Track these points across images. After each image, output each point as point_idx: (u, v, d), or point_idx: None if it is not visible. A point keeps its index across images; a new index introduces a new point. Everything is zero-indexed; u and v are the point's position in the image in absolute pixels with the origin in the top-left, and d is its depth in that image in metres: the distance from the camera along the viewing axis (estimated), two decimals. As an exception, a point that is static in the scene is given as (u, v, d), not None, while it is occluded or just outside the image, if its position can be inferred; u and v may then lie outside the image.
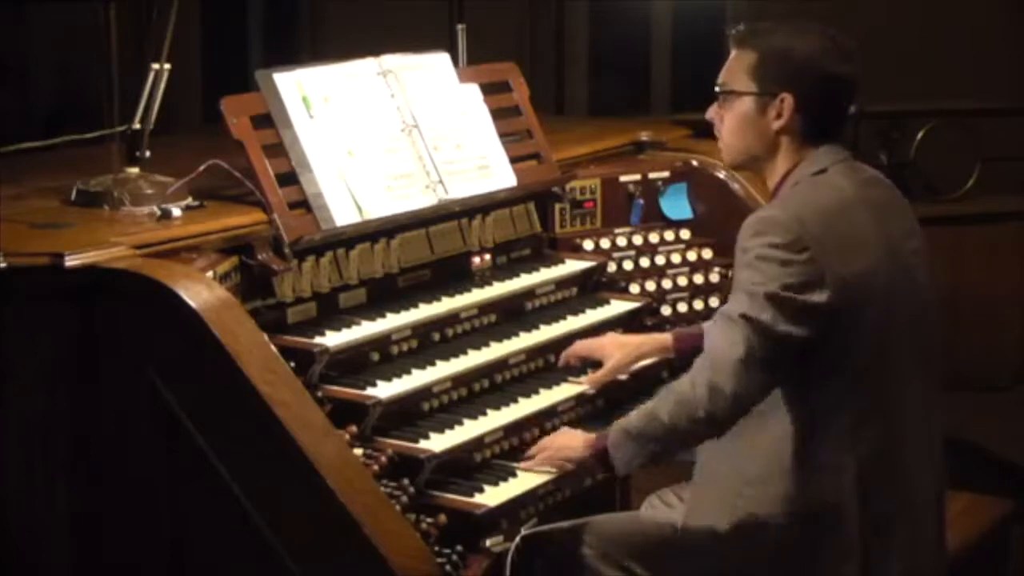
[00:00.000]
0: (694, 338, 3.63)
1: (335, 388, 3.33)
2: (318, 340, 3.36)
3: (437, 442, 3.30)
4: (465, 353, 3.61)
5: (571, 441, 3.39)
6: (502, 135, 4.03)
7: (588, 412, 3.77)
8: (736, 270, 3.14)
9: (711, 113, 3.34)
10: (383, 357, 3.50)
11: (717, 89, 3.30)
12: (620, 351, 3.74)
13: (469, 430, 3.40)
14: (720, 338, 3.09)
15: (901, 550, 3.16)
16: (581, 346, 3.79)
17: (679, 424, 3.11)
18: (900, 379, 3.16)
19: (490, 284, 3.89)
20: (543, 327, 3.85)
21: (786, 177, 3.24)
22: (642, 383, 3.81)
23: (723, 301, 3.74)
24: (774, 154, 3.25)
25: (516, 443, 3.51)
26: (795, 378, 3.12)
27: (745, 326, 3.04)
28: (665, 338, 3.78)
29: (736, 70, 3.26)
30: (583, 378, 3.75)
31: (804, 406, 3.13)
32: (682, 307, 4.33)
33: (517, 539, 3.35)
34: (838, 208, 3.14)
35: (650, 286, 4.31)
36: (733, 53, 3.29)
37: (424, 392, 3.45)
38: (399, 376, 3.42)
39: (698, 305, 4.33)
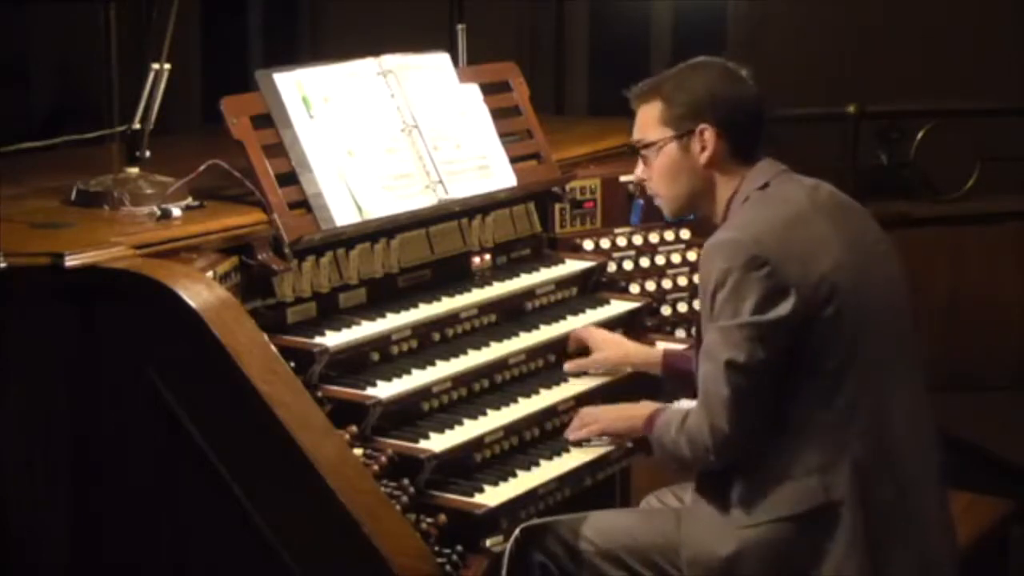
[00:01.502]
0: (681, 360, 3.75)
1: (335, 388, 3.33)
2: (318, 340, 3.36)
3: (437, 442, 3.30)
4: (465, 353, 3.61)
5: (630, 411, 3.50)
6: (502, 135, 4.03)
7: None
8: (700, 294, 3.23)
9: (637, 175, 3.43)
10: (383, 357, 3.50)
11: (636, 149, 3.38)
12: (612, 349, 3.82)
13: (469, 430, 3.40)
14: (707, 379, 3.17)
15: (910, 541, 3.17)
16: (583, 332, 3.85)
17: (696, 457, 3.20)
18: (883, 372, 3.18)
19: (490, 284, 3.89)
20: (543, 327, 3.85)
21: (731, 201, 3.29)
22: (641, 385, 3.81)
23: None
24: (712, 187, 3.32)
25: (516, 443, 3.51)
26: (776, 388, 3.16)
27: (725, 366, 3.11)
28: (656, 354, 3.84)
29: (647, 123, 3.36)
30: (567, 364, 3.79)
31: (787, 413, 3.14)
32: (682, 307, 4.33)
33: (516, 531, 3.37)
34: (792, 216, 3.20)
35: (650, 286, 4.31)
36: (639, 110, 3.39)
37: (424, 392, 3.45)
38: (399, 376, 3.42)
39: (698, 305, 4.32)
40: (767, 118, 3.35)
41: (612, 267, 4.29)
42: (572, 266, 4.13)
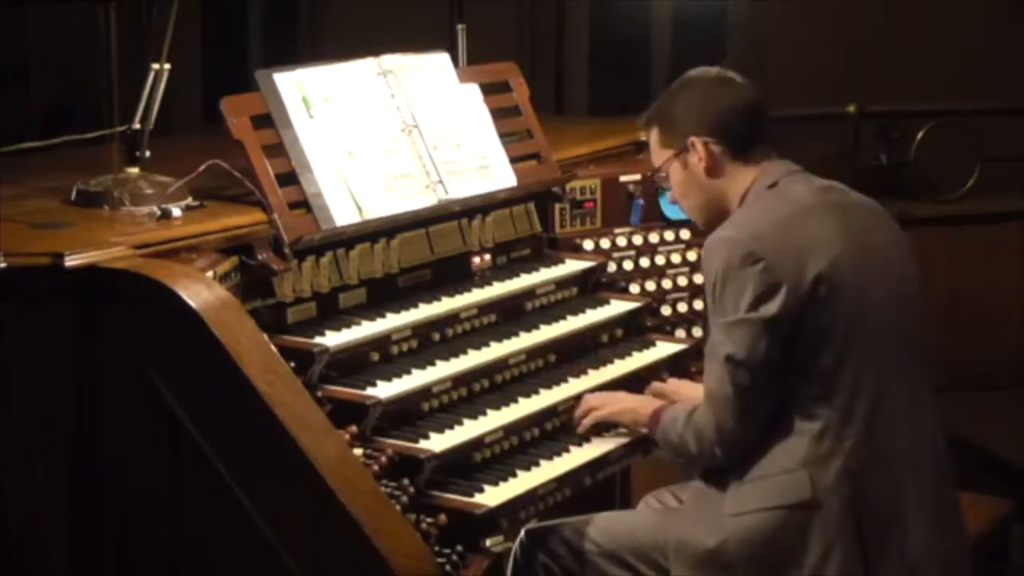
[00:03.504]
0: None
1: (335, 388, 3.33)
2: (318, 340, 3.36)
3: (437, 442, 3.30)
4: (465, 353, 3.61)
5: (635, 404, 3.56)
6: (502, 135, 4.03)
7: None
8: (705, 292, 3.31)
9: (669, 198, 3.58)
10: (383, 357, 3.50)
11: (657, 176, 3.52)
12: (611, 403, 3.64)
13: (469, 430, 3.40)
14: (711, 378, 3.24)
15: (900, 541, 3.18)
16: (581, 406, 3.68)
17: (702, 453, 3.28)
18: (884, 374, 3.20)
19: (490, 284, 3.89)
20: (543, 327, 3.85)
21: (743, 199, 3.36)
22: (642, 385, 3.81)
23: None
24: (721, 191, 3.39)
25: (516, 443, 3.51)
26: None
27: (726, 364, 3.18)
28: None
29: (654, 150, 3.52)
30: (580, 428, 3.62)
31: (785, 408, 3.18)
32: (682, 307, 4.33)
33: (521, 533, 3.39)
34: (792, 214, 3.25)
35: (650, 286, 4.32)
36: (648, 140, 3.53)
37: (424, 392, 3.45)
38: (399, 376, 3.42)
39: (698, 305, 4.33)
40: (765, 115, 3.40)
41: (612, 267, 4.29)
42: (572, 266, 4.13)
